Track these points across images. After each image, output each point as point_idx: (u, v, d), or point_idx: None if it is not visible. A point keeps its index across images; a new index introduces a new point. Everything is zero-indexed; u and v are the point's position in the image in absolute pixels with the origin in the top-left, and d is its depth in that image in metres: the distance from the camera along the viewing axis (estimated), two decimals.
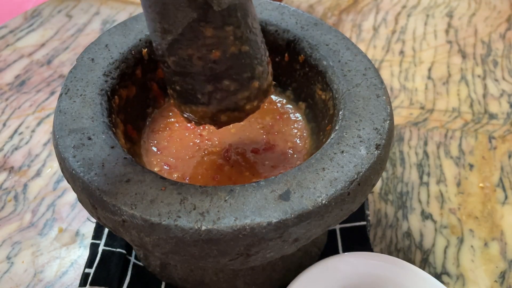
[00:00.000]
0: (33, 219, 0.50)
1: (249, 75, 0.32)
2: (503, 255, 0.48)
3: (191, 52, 0.29)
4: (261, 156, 0.39)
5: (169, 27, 0.29)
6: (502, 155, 0.57)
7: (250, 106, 0.33)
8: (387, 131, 0.33)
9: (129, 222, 0.28)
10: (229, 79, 0.31)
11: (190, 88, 0.32)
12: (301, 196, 0.28)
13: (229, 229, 0.27)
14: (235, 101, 0.32)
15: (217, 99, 0.32)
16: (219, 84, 0.31)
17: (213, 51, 0.29)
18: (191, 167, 0.38)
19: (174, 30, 0.29)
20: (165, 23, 0.29)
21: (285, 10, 0.42)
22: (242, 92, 0.32)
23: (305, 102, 0.42)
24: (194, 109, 0.33)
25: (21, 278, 0.45)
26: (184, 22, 0.28)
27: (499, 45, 0.74)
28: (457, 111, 0.63)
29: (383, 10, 0.81)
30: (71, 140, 0.31)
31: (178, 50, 0.30)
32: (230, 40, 0.30)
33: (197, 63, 0.30)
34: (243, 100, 0.33)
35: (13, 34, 0.74)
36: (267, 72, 0.34)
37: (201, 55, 0.30)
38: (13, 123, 0.60)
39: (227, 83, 0.31)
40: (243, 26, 0.30)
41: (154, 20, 0.29)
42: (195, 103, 0.33)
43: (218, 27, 0.29)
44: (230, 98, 0.32)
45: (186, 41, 0.29)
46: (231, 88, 0.31)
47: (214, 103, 0.32)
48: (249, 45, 0.31)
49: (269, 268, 0.39)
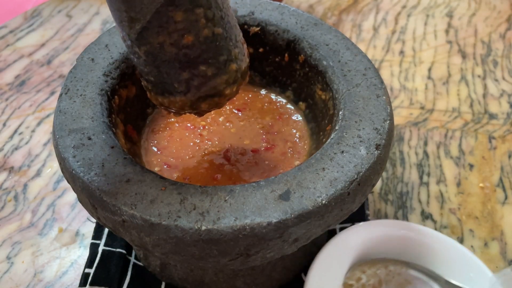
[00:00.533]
0: (33, 219, 0.50)
1: (226, 57, 0.30)
2: (503, 255, 0.48)
3: (162, 39, 0.28)
4: (261, 156, 0.39)
5: (136, 15, 0.27)
6: (502, 155, 0.57)
7: (229, 91, 0.32)
8: (387, 131, 0.33)
9: (129, 222, 0.28)
10: (205, 64, 0.30)
11: (165, 77, 0.30)
12: (301, 196, 0.28)
13: (229, 229, 0.27)
14: (213, 86, 0.31)
15: (195, 86, 0.30)
16: (195, 70, 0.30)
17: (185, 35, 0.28)
18: (191, 167, 0.38)
19: (142, 18, 0.27)
20: (132, 12, 0.27)
21: (285, 10, 0.42)
22: (221, 76, 0.31)
23: (305, 102, 0.42)
24: (172, 100, 0.32)
25: (21, 278, 0.45)
26: (151, 8, 0.27)
27: (499, 45, 0.74)
28: (457, 111, 0.63)
29: (383, 10, 0.81)
30: (71, 140, 0.31)
31: (148, 39, 0.28)
32: (202, 23, 0.28)
33: (169, 50, 0.29)
34: (222, 84, 0.31)
35: (13, 34, 0.74)
36: (243, 54, 0.32)
37: (173, 41, 0.28)
38: (13, 123, 0.60)
39: (204, 68, 0.30)
40: (213, 7, 0.28)
41: (120, 9, 0.27)
42: (172, 93, 0.31)
43: (188, 10, 0.27)
44: (209, 84, 0.31)
45: (156, 28, 0.28)
46: (209, 73, 0.30)
47: (192, 91, 0.31)
48: (222, 27, 0.30)
49: (269, 268, 0.39)
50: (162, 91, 0.32)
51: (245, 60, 0.33)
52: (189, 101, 0.31)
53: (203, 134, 0.41)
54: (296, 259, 0.41)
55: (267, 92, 0.45)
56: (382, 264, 0.42)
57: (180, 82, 0.30)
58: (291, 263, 0.41)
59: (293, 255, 0.40)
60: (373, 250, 0.41)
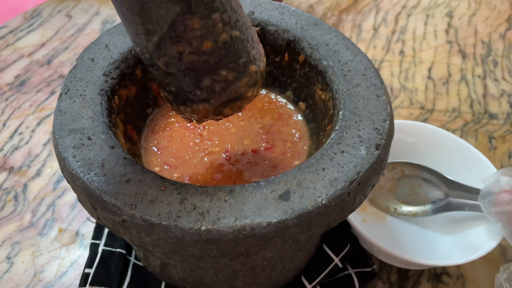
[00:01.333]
0: (33, 219, 0.50)
1: (245, 60, 0.30)
2: (503, 255, 0.48)
3: (181, 48, 0.28)
4: (261, 156, 0.39)
5: (153, 27, 0.27)
6: (502, 155, 0.57)
7: (251, 93, 0.32)
8: (387, 131, 0.33)
9: (129, 222, 0.28)
10: (225, 68, 0.29)
11: (186, 86, 0.30)
12: (301, 196, 0.28)
13: (229, 229, 0.27)
14: (235, 90, 0.31)
15: (217, 92, 0.30)
16: (216, 76, 0.29)
17: (204, 42, 0.28)
18: (191, 167, 0.38)
19: (159, 29, 0.27)
20: (148, 24, 0.27)
21: (285, 10, 0.42)
22: (241, 80, 0.31)
23: (305, 102, 0.42)
24: (195, 108, 0.31)
25: (21, 278, 0.45)
26: (168, 18, 0.26)
27: (499, 45, 0.74)
28: (457, 111, 0.63)
29: (383, 10, 0.81)
30: (71, 140, 0.31)
31: (167, 50, 0.28)
32: (219, 28, 0.28)
33: (189, 58, 0.28)
34: (243, 87, 0.31)
35: (13, 34, 0.74)
36: (260, 54, 0.32)
37: (192, 49, 0.28)
38: (13, 123, 0.60)
39: (225, 73, 0.30)
40: (229, 11, 0.28)
41: (135, 22, 0.27)
42: (194, 101, 0.31)
43: (204, 16, 0.27)
44: (231, 88, 0.30)
45: (174, 38, 0.27)
46: (230, 78, 0.30)
47: (215, 97, 0.30)
48: (239, 29, 0.29)
49: (269, 268, 0.39)
50: (184, 101, 0.31)
51: (263, 60, 0.33)
52: (212, 107, 0.31)
53: (203, 134, 0.41)
54: (296, 259, 0.41)
55: (267, 92, 0.45)
56: (399, 168, 0.47)
57: (202, 90, 0.30)
58: (291, 263, 0.41)
59: (293, 255, 0.40)
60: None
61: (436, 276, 0.46)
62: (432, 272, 0.46)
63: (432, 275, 0.46)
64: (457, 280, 0.46)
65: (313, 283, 0.42)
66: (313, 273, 0.43)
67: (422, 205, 0.47)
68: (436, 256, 0.45)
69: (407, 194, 0.47)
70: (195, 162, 0.39)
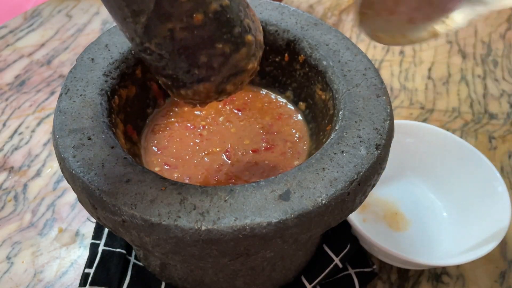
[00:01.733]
0: (33, 219, 0.50)
1: (239, 29, 0.29)
2: (503, 255, 0.48)
3: (171, 25, 0.27)
4: (261, 156, 0.39)
5: (139, 7, 0.26)
6: (502, 155, 0.57)
7: (251, 65, 0.30)
8: (387, 131, 0.33)
9: (129, 222, 0.28)
10: (220, 41, 0.28)
11: (183, 67, 0.29)
12: (301, 196, 0.28)
13: (229, 229, 0.27)
14: (235, 63, 0.29)
15: (216, 68, 0.29)
16: (212, 50, 0.28)
17: (194, 15, 0.27)
18: (191, 167, 0.38)
19: (146, 8, 0.26)
20: (133, 4, 0.26)
21: (285, 10, 0.42)
22: (239, 51, 0.29)
23: (305, 102, 0.42)
24: (196, 89, 0.30)
25: (21, 278, 0.45)
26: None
27: (499, 45, 0.74)
28: (457, 111, 0.63)
29: None
30: (71, 140, 0.31)
31: (157, 29, 0.27)
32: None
33: (181, 35, 0.27)
34: (243, 59, 0.30)
35: (13, 34, 0.74)
36: (254, 22, 0.31)
37: (182, 24, 0.27)
38: (13, 123, 0.60)
39: (220, 45, 0.28)
40: None
41: (120, 6, 0.26)
42: (195, 82, 0.29)
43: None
44: (230, 62, 0.29)
45: (162, 16, 0.26)
46: (227, 50, 0.29)
47: (215, 74, 0.29)
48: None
49: (269, 268, 0.39)
50: (183, 83, 0.30)
51: (259, 30, 0.31)
52: (213, 86, 0.30)
53: (203, 134, 0.41)
54: (296, 259, 0.41)
55: (267, 92, 0.45)
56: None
57: (200, 67, 0.29)
58: (291, 263, 0.41)
59: (293, 255, 0.40)
60: None
61: (436, 276, 0.46)
62: (432, 272, 0.46)
63: (432, 275, 0.46)
64: (457, 280, 0.46)
65: (313, 283, 0.42)
66: (313, 273, 0.43)
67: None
68: (436, 256, 0.45)
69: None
70: (195, 162, 0.39)
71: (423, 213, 0.49)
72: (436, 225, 0.48)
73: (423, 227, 0.48)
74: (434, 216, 0.49)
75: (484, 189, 0.46)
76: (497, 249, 0.48)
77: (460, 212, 0.47)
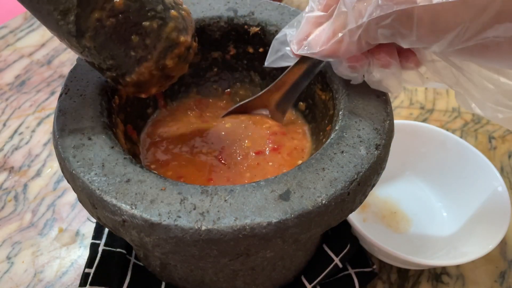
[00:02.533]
0: (33, 219, 0.50)
1: (162, 6, 0.31)
2: (503, 255, 0.48)
3: (98, 15, 0.29)
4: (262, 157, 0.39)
5: (65, 6, 0.28)
6: (502, 155, 0.57)
7: (184, 38, 0.33)
8: (387, 131, 0.33)
9: (129, 222, 0.28)
10: (146, 19, 0.31)
11: (121, 52, 0.31)
12: (301, 196, 0.28)
13: (229, 229, 0.27)
14: (166, 37, 0.32)
15: (149, 45, 0.31)
16: (141, 29, 0.31)
17: (115, 1, 0.29)
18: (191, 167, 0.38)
19: (71, 5, 0.28)
20: (59, 5, 0.28)
21: (285, 10, 0.42)
22: (167, 25, 0.32)
23: (305, 102, 0.42)
24: (138, 71, 0.32)
25: (21, 278, 0.45)
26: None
27: None
28: (457, 111, 0.63)
29: None
30: (71, 140, 0.31)
31: (86, 22, 0.29)
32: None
33: (109, 23, 0.30)
34: (173, 32, 0.32)
35: (13, 34, 0.74)
36: (177, 2, 0.33)
37: (108, 12, 0.29)
38: (13, 123, 0.60)
39: (147, 23, 0.31)
40: None
41: (50, 12, 0.29)
42: (134, 65, 0.32)
43: None
44: (161, 36, 0.32)
45: (87, 8, 0.29)
46: (155, 26, 0.31)
47: (150, 51, 0.32)
48: None
49: (269, 268, 0.39)
50: (126, 70, 0.32)
51: (183, 8, 0.34)
52: (153, 63, 0.32)
53: (203, 135, 0.41)
54: (296, 259, 0.41)
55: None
56: None
57: (136, 47, 0.31)
58: (291, 263, 0.41)
59: (293, 255, 0.40)
60: None
61: (436, 276, 0.46)
62: (432, 272, 0.46)
63: (432, 275, 0.46)
64: (457, 280, 0.46)
65: (313, 283, 0.42)
66: (313, 273, 0.43)
67: None
68: (436, 256, 0.45)
69: None
70: (194, 163, 0.39)
71: (423, 213, 0.49)
72: (436, 225, 0.48)
73: (423, 227, 0.48)
74: (434, 216, 0.49)
75: (484, 189, 0.46)
76: (497, 249, 0.48)
77: (460, 212, 0.47)
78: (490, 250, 0.40)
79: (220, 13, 0.42)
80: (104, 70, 0.33)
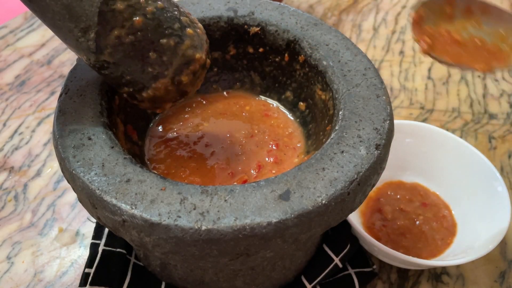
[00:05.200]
0: (33, 219, 0.50)
1: (179, 25, 0.32)
2: (503, 255, 0.48)
3: (117, 32, 0.30)
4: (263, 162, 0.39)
5: (86, 24, 0.29)
6: (502, 155, 0.57)
7: (199, 55, 0.33)
8: (387, 131, 0.33)
9: (129, 222, 0.28)
10: (164, 36, 0.32)
11: (138, 69, 0.32)
12: (301, 196, 0.28)
13: (229, 229, 0.27)
14: (182, 54, 0.33)
15: (166, 61, 0.32)
16: (159, 47, 0.32)
17: (135, 19, 0.30)
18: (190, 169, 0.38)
19: (91, 23, 0.29)
20: (81, 23, 0.29)
21: (285, 10, 0.42)
22: (184, 42, 0.32)
23: (305, 102, 0.42)
24: (155, 86, 0.33)
25: (21, 278, 0.45)
26: (94, 10, 0.29)
27: None
28: (457, 111, 0.63)
29: (383, 10, 0.81)
30: (71, 140, 0.31)
31: (106, 40, 0.30)
32: (143, 3, 0.30)
33: (129, 39, 0.30)
34: (189, 49, 0.33)
35: (13, 34, 0.74)
36: (193, 21, 0.34)
37: (127, 30, 0.30)
38: (13, 123, 0.60)
39: (165, 40, 0.32)
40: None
41: (70, 29, 0.29)
42: (151, 81, 0.33)
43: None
44: (177, 53, 0.32)
45: (107, 26, 0.29)
46: (172, 44, 0.32)
47: (166, 67, 0.32)
48: (161, 1, 0.32)
49: (269, 268, 0.39)
50: (142, 85, 0.33)
51: (199, 27, 0.35)
52: (169, 79, 0.33)
53: (203, 136, 0.41)
54: (296, 259, 0.41)
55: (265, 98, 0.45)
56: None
57: (153, 64, 0.32)
58: (291, 263, 0.41)
59: (293, 255, 0.40)
60: None
61: (436, 276, 0.46)
62: (432, 272, 0.46)
63: (432, 275, 0.46)
64: (457, 280, 0.46)
65: (313, 283, 0.42)
66: (313, 273, 0.43)
67: None
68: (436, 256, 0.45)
69: None
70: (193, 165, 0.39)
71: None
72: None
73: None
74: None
75: (484, 189, 0.46)
76: (497, 249, 0.48)
77: (460, 212, 0.47)
78: (490, 250, 0.40)
79: (220, 13, 0.42)
80: (121, 85, 0.33)
